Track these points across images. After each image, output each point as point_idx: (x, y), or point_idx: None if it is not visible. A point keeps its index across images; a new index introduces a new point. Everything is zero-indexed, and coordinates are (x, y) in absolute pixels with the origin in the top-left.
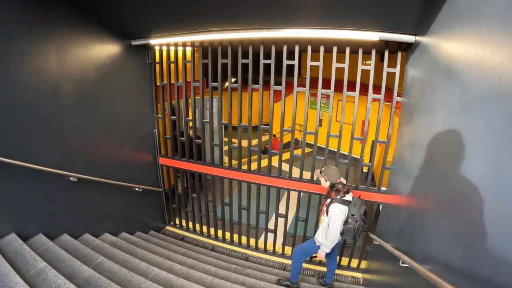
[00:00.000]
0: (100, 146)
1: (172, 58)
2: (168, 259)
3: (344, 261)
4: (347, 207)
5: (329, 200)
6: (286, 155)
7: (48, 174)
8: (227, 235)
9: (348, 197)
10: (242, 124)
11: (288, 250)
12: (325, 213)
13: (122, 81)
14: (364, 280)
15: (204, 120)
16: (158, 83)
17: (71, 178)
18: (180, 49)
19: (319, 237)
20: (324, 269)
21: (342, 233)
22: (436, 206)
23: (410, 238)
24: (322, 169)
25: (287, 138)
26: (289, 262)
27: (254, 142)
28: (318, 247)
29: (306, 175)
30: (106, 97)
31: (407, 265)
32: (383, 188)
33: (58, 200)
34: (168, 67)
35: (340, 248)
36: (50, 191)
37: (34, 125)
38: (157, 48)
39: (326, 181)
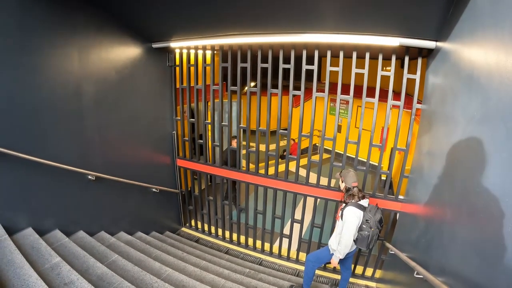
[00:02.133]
0: (119, 146)
1: (192, 61)
2: (182, 260)
3: (359, 269)
4: (362, 212)
5: (344, 204)
6: (303, 161)
7: (67, 172)
8: (242, 238)
9: (364, 202)
10: (260, 128)
11: (302, 256)
12: (340, 217)
13: (142, 83)
14: None
15: (223, 123)
16: (177, 86)
17: (89, 177)
18: (200, 52)
19: (332, 243)
20: (338, 276)
21: (355, 241)
22: (454, 217)
23: (426, 249)
24: (342, 171)
25: (305, 143)
26: (303, 268)
27: (272, 146)
28: (332, 255)
29: (323, 181)
30: (126, 98)
31: (421, 277)
32: (400, 197)
33: (75, 198)
34: (188, 70)
35: (355, 257)
36: (68, 189)
37: (55, 124)
38: (177, 51)
39: (342, 182)
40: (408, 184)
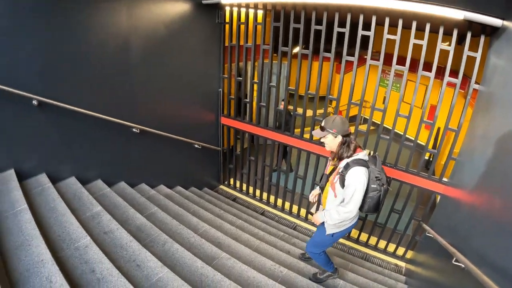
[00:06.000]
0: (164, 101)
1: (243, 19)
2: (219, 217)
3: (391, 247)
4: (367, 171)
5: (343, 162)
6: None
7: (113, 125)
8: (279, 201)
9: (362, 155)
10: (309, 92)
11: None
12: (338, 183)
13: (190, 39)
14: (407, 270)
15: (271, 84)
16: (226, 44)
17: (134, 130)
18: (251, 11)
19: (331, 218)
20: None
21: (361, 207)
22: (504, 208)
23: (467, 236)
24: (322, 123)
25: (353, 111)
26: None
27: (320, 111)
28: (331, 235)
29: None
30: (174, 53)
31: (461, 265)
32: (445, 179)
33: (119, 150)
34: (238, 28)
35: (389, 233)
36: (113, 141)
37: (103, 77)
38: (227, 9)
39: (335, 137)
40: (455, 166)
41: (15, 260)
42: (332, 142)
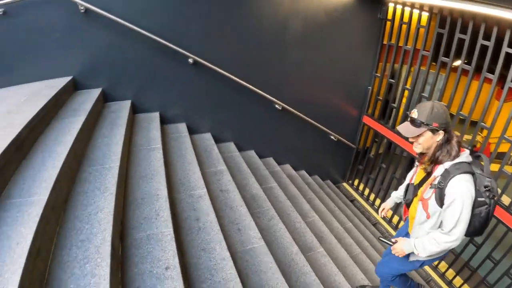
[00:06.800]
0: (311, 85)
1: (406, 19)
2: (331, 212)
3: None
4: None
5: (439, 169)
6: (494, 167)
7: (257, 96)
8: (395, 219)
9: (465, 156)
10: (461, 113)
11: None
12: (433, 199)
13: (348, 30)
14: None
15: (423, 94)
16: (385, 42)
17: (276, 106)
18: (415, 12)
19: (421, 248)
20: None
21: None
22: None
23: None
24: (414, 114)
25: (502, 147)
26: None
27: (467, 137)
28: (417, 263)
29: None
30: (330, 41)
31: None
32: None
33: (257, 120)
34: (399, 27)
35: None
36: (253, 110)
37: (259, 52)
38: (391, 5)
39: (435, 133)
40: None
41: (136, 187)
42: (429, 141)
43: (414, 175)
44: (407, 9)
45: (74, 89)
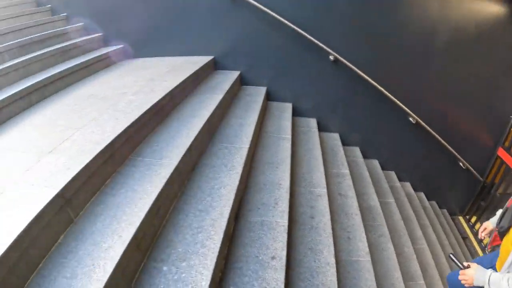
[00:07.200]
0: (449, 102)
1: None
2: (440, 245)
3: None
4: None
5: None
6: None
7: (392, 103)
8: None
9: None
10: None
11: None
12: None
13: (499, 47)
14: None
15: None
16: None
17: (411, 119)
18: None
19: (494, 281)
20: None
21: None
22: None
23: None
24: None
25: None
26: None
27: None
28: None
29: None
30: (475, 56)
31: None
32: None
33: (387, 130)
34: None
35: None
36: (386, 120)
37: (398, 54)
38: None
39: None
40: None
41: (260, 172)
42: None
43: None
44: None
45: (213, 68)
